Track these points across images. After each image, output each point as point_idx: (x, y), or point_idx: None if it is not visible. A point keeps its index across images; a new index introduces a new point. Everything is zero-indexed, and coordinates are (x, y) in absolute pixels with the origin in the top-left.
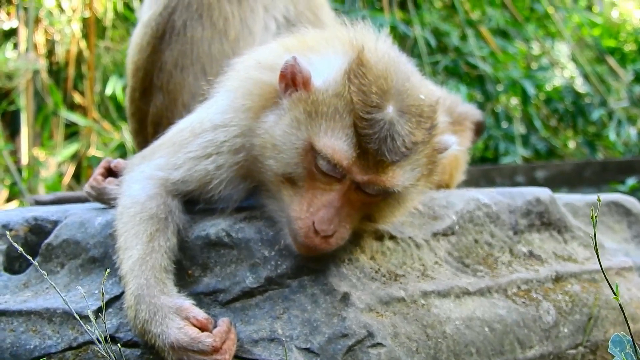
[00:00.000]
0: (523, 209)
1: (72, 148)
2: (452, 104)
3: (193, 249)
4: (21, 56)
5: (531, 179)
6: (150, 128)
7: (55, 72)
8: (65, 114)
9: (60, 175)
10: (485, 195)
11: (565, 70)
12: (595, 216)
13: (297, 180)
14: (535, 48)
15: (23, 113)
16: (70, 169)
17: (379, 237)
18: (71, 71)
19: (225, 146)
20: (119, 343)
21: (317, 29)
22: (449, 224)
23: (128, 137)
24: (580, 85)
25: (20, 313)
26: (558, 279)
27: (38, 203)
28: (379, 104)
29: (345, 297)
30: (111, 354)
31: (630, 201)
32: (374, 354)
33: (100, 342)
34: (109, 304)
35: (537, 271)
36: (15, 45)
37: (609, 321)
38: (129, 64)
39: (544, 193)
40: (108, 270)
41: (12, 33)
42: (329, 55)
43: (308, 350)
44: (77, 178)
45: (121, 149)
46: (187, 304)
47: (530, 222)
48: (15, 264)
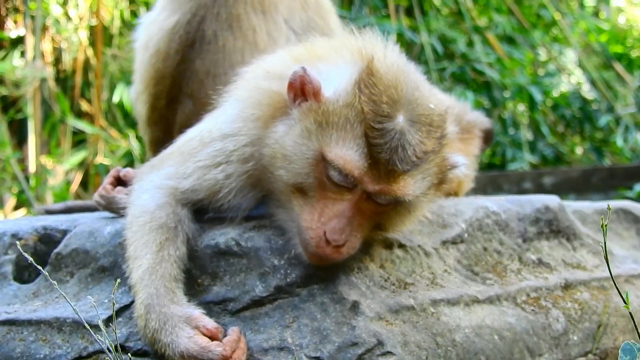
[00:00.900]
0: (532, 217)
1: (80, 156)
2: (460, 112)
3: (202, 258)
4: (28, 64)
5: (538, 185)
6: (177, 135)
7: (63, 80)
8: (73, 122)
9: (68, 183)
10: (494, 203)
11: (572, 77)
12: (606, 224)
13: (308, 190)
14: (542, 54)
15: (30, 121)
16: (78, 177)
17: (388, 246)
18: (78, 79)
19: (234, 155)
20: (129, 352)
21: (327, 37)
22: (458, 232)
23: (135, 145)
24: (587, 92)
25: (30, 322)
26: (567, 286)
27: (48, 212)
28: (389, 113)
29: (355, 306)
30: None
31: (639, 208)
32: None
33: (110, 352)
34: (118, 313)
35: (547, 279)
36: (23, 54)
37: (619, 329)
38: (147, 70)
39: (552, 201)
40: (119, 280)
41: (19, 41)
42: (338, 65)
43: (318, 359)
44: (85, 186)
45: (128, 156)
46: (197, 313)
47: (539, 230)
48: (25, 273)
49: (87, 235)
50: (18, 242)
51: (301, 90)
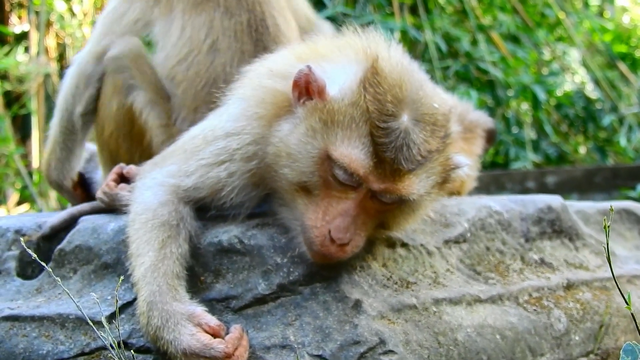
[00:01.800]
0: (535, 217)
1: None
2: (463, 111)
3: (205, 255)
4: (32, 60)
5: (541, 184)
6: None
7: None
8: None
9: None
10: (496, 202)
11: (576, 76)
12: (608, 225)
13: (312, 188)
14: (546, 53)
15: (34, 117)
16: None
17: (391, 245)
18: None
19: (237, 154)
20: (131, 349)
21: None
22: (460, 232)
23: None
24: (591, 91)
25: (32, 318)
26: (569, 286)
27: (53, 230)
28: (394, 112)
29: (357, 304)
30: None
31: None
32: None
33: (113, 348)
34: (121, 309)
35: (549, 279)
36: (27, 49)
37: (620, 329)
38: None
39: (555, 201)
40: (122, 277)
41: (24, 37)
42: (342, 64)
43: (320, 357)
44: None
45: None
46: (199, 310)
47: (541, 230)
48: (28, 269)
49: (91, 232)
50: (22, 238)
51: (306, 88)
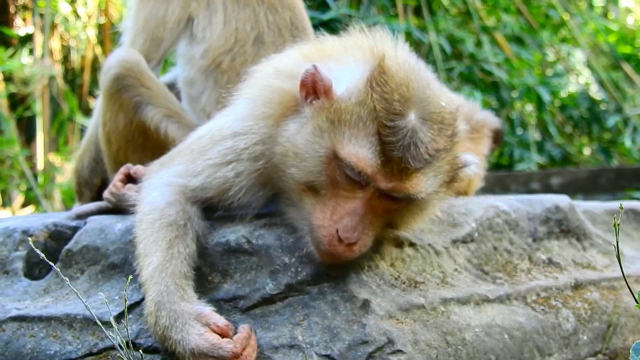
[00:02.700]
0: (542, 217)
1: None
2: (470, 111)
3: (213, 255)
4: (37, 62)
5: (546, 185)
6: None
7: (71, 78)
8: (81, 120)
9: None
10: (504, 202)
11: (580, 77)
12: (618, 224)
13: (320, 188)
14: (551, 54)
15: (39, 119)
16: None
17: (399, 244)
18: (87, 77)
19: (245, 154)
20: (139, 349)
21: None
22: (468, 231)
23: None
24: (595, 92)
25: (40, 319)
26: (577, 286)
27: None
28: (401, 111)
29: (365, 304)
30: None
31: None
32: None
33: (121, 348)
34: (129, 310)
35: (557, 278)
36: (31, 51)
37: (628, 329)
38: None
39: (563, 200)
40: (130, 277)
41: (28, 39)
42: (349, 63)
43: (328, 357)
44: None
45: None
46: (207, 310)
47: (549, 230)
48: (35, 270)
49: (98, 232)
50: (30, 239)
51: (313, 88)
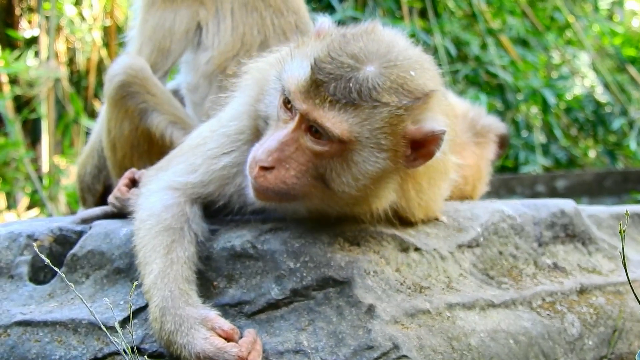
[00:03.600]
0: (547, 221)
1: None
2: (476, 115)
3: (218, 260)
4: (42, 64)
5: (551, 188)
6: None
7: (76, 80)
8: (86, 122)
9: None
10: (509, 207)
11: (585, 80)
12: (624, 230)
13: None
14: (556, 57)
15: (44, 121)
16: None
17: (404, 249)
18: (92, 79)
19: (242, 137)
20: (144, 354)
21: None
22: (473, 236)
23: None
24: (600, 95)
25: (45, 323)
26: (583, 291)
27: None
28: (357, 57)
29: (371, 309)
30: None
31: None
32: None
33: (126, 353)
34: (134, 315)
35: (562, 283)
36: (37, 54)
37: (634, 334)
38: None
39: (568, 205)
40: (135, 282)
41: (34, 41)
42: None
43: None
44: None
45: None
46: (213, 314)
47: (554, 234)
48: (40, 274)
49: (103, 237)
50: (34, 243)
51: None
